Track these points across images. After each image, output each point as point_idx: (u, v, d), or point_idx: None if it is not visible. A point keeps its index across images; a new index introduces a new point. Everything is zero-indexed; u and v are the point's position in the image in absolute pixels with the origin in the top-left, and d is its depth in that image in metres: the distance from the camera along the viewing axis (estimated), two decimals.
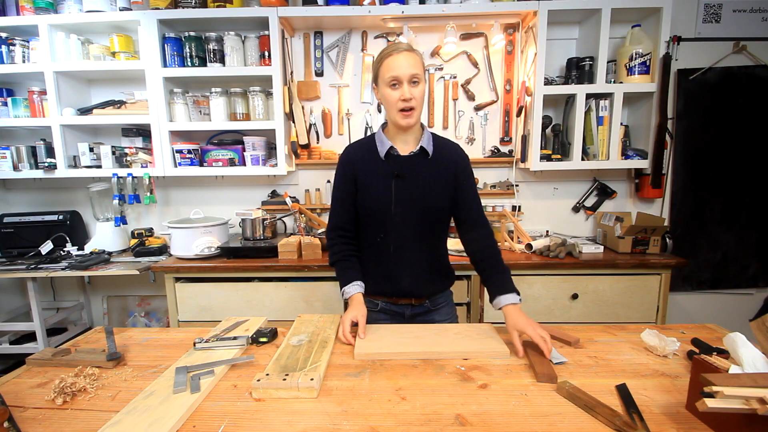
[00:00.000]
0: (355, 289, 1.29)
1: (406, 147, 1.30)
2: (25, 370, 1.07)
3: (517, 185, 2.51)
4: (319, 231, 2.33)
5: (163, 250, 2.28)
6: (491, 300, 1.24)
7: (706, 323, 1.29)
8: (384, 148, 1.28)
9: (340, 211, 1.35)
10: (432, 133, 1.34)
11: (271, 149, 2.45)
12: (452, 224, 1.40)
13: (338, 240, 1.36)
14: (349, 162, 1.32)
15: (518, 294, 1.21)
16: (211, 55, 2.26)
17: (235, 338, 1.17)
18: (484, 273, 1.31)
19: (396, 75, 1.18)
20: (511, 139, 2.49)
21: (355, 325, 1.20)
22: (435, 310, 1.39)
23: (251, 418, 0.84)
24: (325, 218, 2.49)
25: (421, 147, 1.28)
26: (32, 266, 2.06)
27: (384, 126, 1.35)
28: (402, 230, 1.29)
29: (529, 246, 2.14)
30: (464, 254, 2.03)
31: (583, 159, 2.27)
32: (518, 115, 2.37)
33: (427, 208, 1.28)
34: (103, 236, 2.39)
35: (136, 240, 2.39)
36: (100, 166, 2.35)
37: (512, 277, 1.26)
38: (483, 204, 2.39)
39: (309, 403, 0.88)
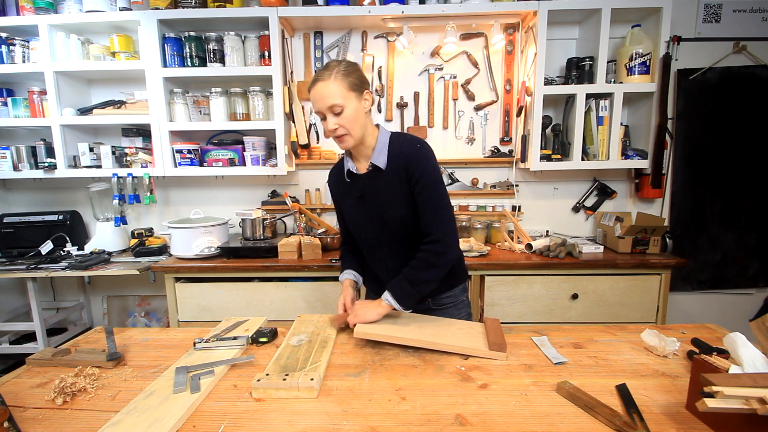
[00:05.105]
0: (345, 275, 1.42)
1: (365, 163, 1.29)
2: (25, 370, 1.07)
3: (517, 185, 2.51)
4: (319, 231, 2.33)
5: (163, 250, 2.28)
6: None
7: (706, 323, 1.29)
8: (346, 170, 1.32)
9: (341, 224, 1.50)
10: (393, 132, 1.28)
11: (271, 149, 2.45)
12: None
13: (344, 248, 1.54)
14: (330, 187, 1.45)
15: (397, 301, 1.18)
16: (211, 55, 2.26)
17: (235, 338, 1.17)
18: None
19: (317, 109, 1.20)
20: (511, 139, 2.49)
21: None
22: (438, 309, 1.38)
23: (251, 418, 0.84)
24: (324, 218, 2.51)
25: (371, 164, 1.25)
26: (32, 266, 2.06)
27: None
28: (376, 245, 1.34)
29: (529, 246, 2.14)
30: (465, 255, 2.08)
31: (583, 159, 2.26)
32: (518, 115, 2.36)
33: (389, 222, 1.27)
34: (103, 236, 2.39)
35: (136, 240, 2.39)
36: (100, 166, 2.35)
37: (512, 276, 1.25)
38: (483, 204, 2.48)
39: (309, 403, 0.88)
